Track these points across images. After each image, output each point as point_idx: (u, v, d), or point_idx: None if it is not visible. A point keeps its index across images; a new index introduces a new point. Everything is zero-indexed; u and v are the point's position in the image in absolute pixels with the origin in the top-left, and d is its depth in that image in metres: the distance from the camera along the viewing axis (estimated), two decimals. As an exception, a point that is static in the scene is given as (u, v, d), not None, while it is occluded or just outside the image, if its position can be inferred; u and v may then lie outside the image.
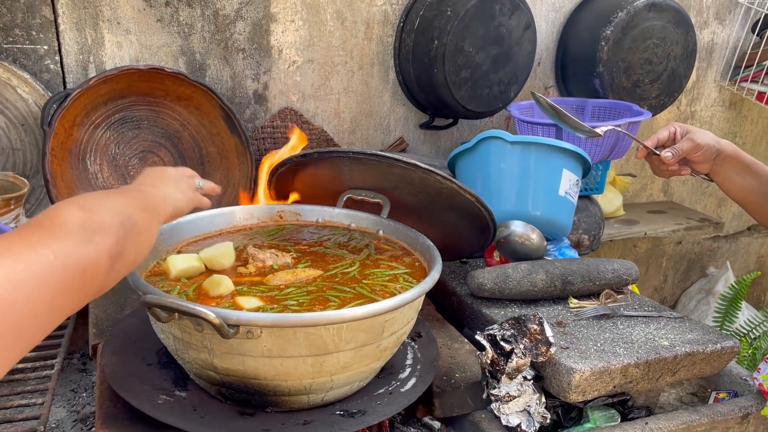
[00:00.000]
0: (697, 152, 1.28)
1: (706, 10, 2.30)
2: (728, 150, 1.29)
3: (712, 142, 1.28)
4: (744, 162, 1.29)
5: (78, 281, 0.58)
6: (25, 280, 0.52)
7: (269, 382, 0.92)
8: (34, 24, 1.54)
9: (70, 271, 0.57)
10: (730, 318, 2.29)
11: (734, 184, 1.30)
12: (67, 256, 0.57)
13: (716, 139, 1.30)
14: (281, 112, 1.81)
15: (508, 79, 1.86)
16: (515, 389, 1.08)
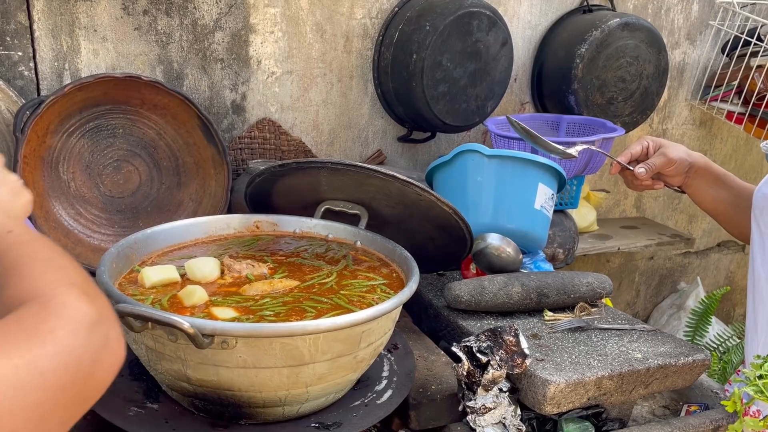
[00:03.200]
0: (669, 167, 1.31)
1: (677, 30, 2.36)
2: (700, 162, 1.31)
3: (685, 156, 1.31)
4: (715, 174, 1.31)
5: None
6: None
7: (244, 393, 0.91)
8: (8, 30, 1.52)
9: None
10: (700, 332, 2.33)
11: (706, 196, 1.33)
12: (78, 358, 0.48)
13: (688, 153, 1.32)
14: (259, 123, 1.80)
15: (485, 94, 1.88)
16: (491, 401, 1.09)
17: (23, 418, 0.41)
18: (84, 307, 0.49)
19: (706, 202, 1.34)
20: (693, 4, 2.34)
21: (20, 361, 0.42)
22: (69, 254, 0.61)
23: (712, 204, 1.33)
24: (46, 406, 0.44)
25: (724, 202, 1.31)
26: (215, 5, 1.69)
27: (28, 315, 0.47)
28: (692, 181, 1.33)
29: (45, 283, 0.51)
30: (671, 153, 1.30)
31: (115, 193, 1.64)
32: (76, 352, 0.46)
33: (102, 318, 0.50)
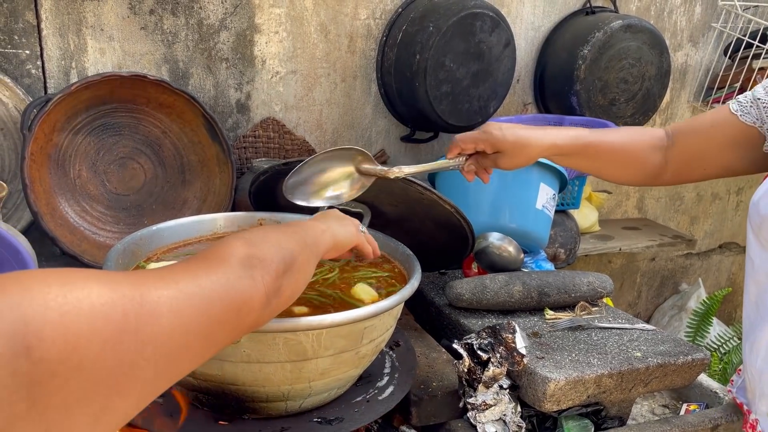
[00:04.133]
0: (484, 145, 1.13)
1: (680, 32, 2.37)
2: (544, 146, 1.13)
3: (500, 136, 1.11)
4: (569, 152, 1.16)
5: (234, 315, 0.59)
6: (185, 310, 0.52)
7: (247, 387, 0.92)
8: (16, 28, 1.53)
9: (226, 305, 0.57)
10: (701, 333, 2.33)
11: (578, 167, 1.25)
12: (226, 290, 0.58)
13: (514, 133, 1.12)
14: (263, 122, 1.82)
15: (487, 94, 1.89)
16: (491, 398, 1.10)
17: (194, 330, 0.53)
18: (242, 250, 0.63)
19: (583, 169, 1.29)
20: (696, 6, 2.35)
21: (186, 285, 0.54)
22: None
23: (588, 171, 1.29)
24: (212, 321, 0.55)
25: (595, 169, 1.24)
26: (221, 5, 1.70)
27: (198, 257, 0.62)
28: (557, 160, 1.20)
29: (223, 242, 0.66)
30: (491, 130, 1.13)
31: (120, 190, 1.66)
32: (229, 284, 0.59)
33: (255, 261, 0.63)
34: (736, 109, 1.09)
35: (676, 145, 1.16)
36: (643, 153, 1.17)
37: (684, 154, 1.16)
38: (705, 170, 1.17)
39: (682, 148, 1.16)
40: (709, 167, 1.16)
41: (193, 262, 0.59)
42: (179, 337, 0.51)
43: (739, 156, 1.10)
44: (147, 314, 0.48)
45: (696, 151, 1.15)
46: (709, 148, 1.13)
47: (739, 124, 1.08)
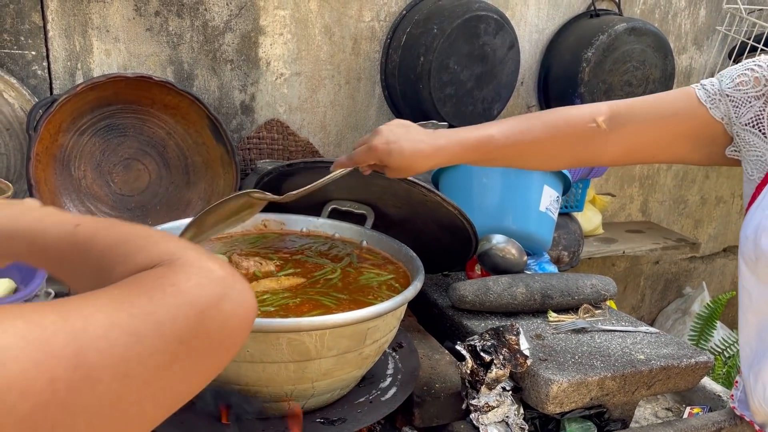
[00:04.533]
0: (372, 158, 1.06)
1: (684, 35, 2.37)
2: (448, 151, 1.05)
3: (384, 146, 1.03)
4: (471, 161, 1.09)
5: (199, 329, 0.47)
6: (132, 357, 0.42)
7: (251, 387, 0.93)
8: (22, 29, 1.54)
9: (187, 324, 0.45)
10: (705, 336, 2.33)
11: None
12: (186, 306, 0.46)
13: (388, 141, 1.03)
14: (267, 124, 1.82)
15: (491, 96, 1.90)
16: (494, 400, 1.10)
17: (139, 364, 0.41)
18: (209, 264, 0.48)
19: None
20: (700, 9, 2.35)
21: (137, 311, 0.42)
22: None
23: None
24: (165, 356, 0.43)
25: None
26: (226, 7, 1.71)
27: (152, 273, 0.47)
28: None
29: (165, 250, 0.50)
30: (373, 141, 1.05)
31: (125, 191, 1.67)
32: (198, 305, 0.45)
33: (227, 275, 0.49)
34: (705, 99, 1.00)
35: (624, 129, 1.04)
36: (571, 143, 1.06)
37: (633, 140, 1.05)
38: (653, 157, 1.09)
39: (631, 134, 1.04)
40: (659, 155, 1.07)
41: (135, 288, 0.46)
42: (130, 395, 0.40)
43: (696, 148, 1.03)
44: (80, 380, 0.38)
45: (648, 138, 1.04)
46: (665, 136, 1.03)
47: (705, 116, 0.99)
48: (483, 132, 1.05)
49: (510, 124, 1.06)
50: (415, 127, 1.06)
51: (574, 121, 1.05)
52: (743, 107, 0.97)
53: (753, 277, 0.97)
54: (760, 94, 0.96)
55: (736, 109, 0.98)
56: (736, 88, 0.98)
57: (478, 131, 1.05)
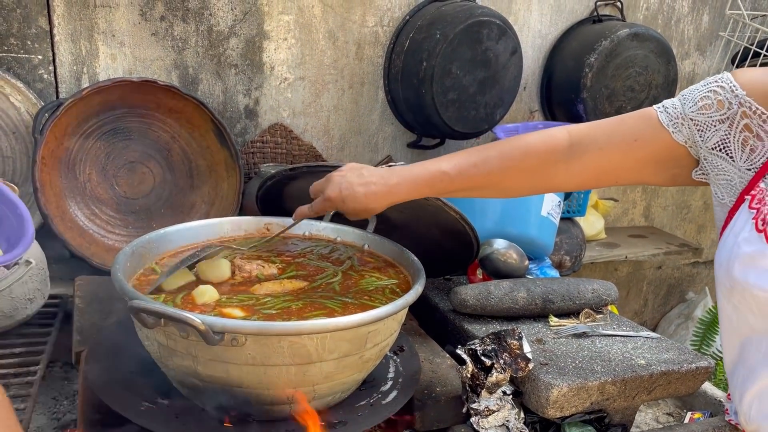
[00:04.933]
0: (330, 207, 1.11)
1: (687, 41, 2.37)
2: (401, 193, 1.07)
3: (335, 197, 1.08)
4: (427, 196, 1.11)
5: None
6: None
7: (252, 390, 0.93)
8: (29, 34, 1.56)
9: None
10: (707, 342, 2.33)
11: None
12: None
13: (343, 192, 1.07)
14: (271, 128, 1.84)
15: (494, 101, 1.90)
16: (494, 404, 1.10)
17: None
18: None
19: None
20: (703, 15, 2.35)
21: None
22: None
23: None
24: None
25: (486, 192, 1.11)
26: (230, 12, 1.72)
27: None
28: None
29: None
30: (327, 192, 1.10)
31: (129, 194, 1.68)
32: None
33: None
34: (667, 123, 0.97)
35: (584, 158, 1.02)
36: (529, 174, 1.05)
37: (595, 168, 1.02)
38: (616, 180, 1.06)
39: (592, 161, 1.02)
40: (622, 179, 1.05)
41: None
42: None
43: (659, 171, 1.01)
44: None
45: (610, 165, 1.01)
46: (627, 162, 1.00)
47: (668, 140, 0.97)
48: (435, 167, 1.06)
49: (463, 158, 1.06)
50: (368, 169, 1.09)
51: (531, 151, 1.04)
52: (708, 131, 0.95)
53: (728, 305, 0.95)
54: (725, 118, 0.93)
55: (701, 133, 0.95)
56: (700, 112, 0.95)
57: (431, 166, 1.06)
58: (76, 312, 1.32)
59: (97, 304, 1.35)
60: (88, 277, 1.44)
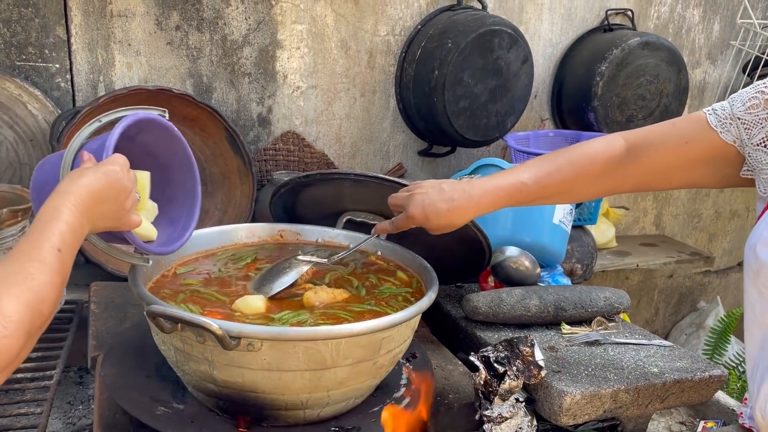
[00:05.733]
0: (412, 225, 1.11)
1: (698, 50, 2.37)
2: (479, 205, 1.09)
3: (421, 215, 1.08)
4: (506, 206, 1.11)
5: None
6: None
7: (267, 395, 0.94)
8: (47, 43, 1.58)
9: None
10: (719, 351, 2.31)
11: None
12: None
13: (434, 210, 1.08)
14: (284, 136, 1.85)
15: (505, 110, 1.91)
16: (507, 411, 1.10)
17: None
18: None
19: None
20: (714, 24, 2.36)
21: None
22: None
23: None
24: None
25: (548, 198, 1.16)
26: (244, 21, 1.74)
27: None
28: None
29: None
30: (410, 209, 1.10)
31: (143, 201, 1.69)
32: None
33: None
34: (715, 124, 1.02)
35: (640, 161, 1.07)
36: (596, 179, 1.10)
37: (649, 170, 1.08)
38: (669, 184, 1.11)
39: (647, 165, 1.07)
40: (675, 181, 1.10)
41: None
42: None
43: (711, 172, 1.05)
44: None
45: (663, 167, 1.07)
46: (680, 164, 1.05)
47: (716, 141, 1.01)
48: (515, 178, 1.09)
49: (538, 167, 1.10)
50: (448, 184, 1.11)
51: (596, 158, 1.09)
52: (754, 128, 0.99)
53: (754, 290, 0.98)
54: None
55: (747, 131, 1.00)
56: (747, 111, 0.99)
57: (510, 177, 1.09)
58: (92, 317, 1.33)
59: (113, 310, 1.37)
60: (104, 283, 1.46)
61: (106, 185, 0.84)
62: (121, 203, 0.87)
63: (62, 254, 0.73)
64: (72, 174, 0.84)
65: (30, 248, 0.72)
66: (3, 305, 0.64)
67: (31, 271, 0.69)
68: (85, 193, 0.81)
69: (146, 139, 1.03)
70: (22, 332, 0.65)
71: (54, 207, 0.78)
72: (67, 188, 0.80)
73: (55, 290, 0.72)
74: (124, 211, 0.88)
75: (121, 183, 0.86)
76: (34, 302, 0.67)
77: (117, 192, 0.86)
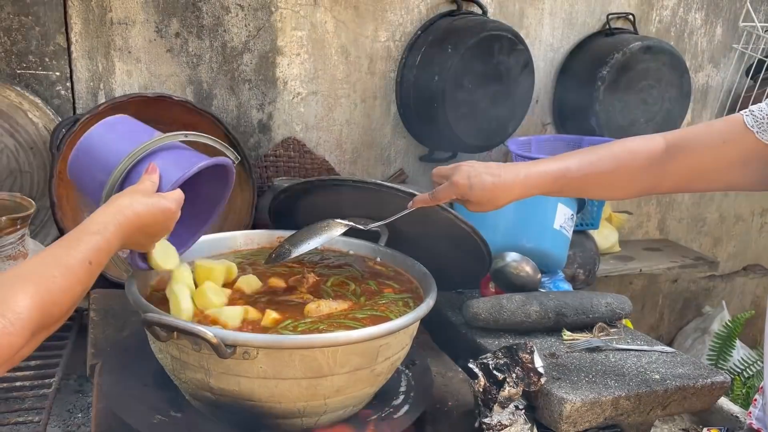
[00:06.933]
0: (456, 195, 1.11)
1: (700, 53, 2.36)
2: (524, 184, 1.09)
3: (467, 181, 1.08)
4: (549, 192, 1.13)
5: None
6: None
7: (264, 403, 0.94)
8: (47, 51, 1.59)
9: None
10: (724, 356, 2.30)
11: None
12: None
13: (480, 179, 1.08)
14: (284, 142, 1.85)
15: (506, 115, 1.91)
16: (507, 418, 1.09)
17: None
18: None
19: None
20: (716, 27, 2.35)
21: None
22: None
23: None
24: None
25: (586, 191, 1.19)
26: (244, 28, 1.75)
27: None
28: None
29: None
30: (455, 177, 1.10)
31: (144, 208, 1.69)
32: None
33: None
34: (752, 125, 1.01)
35: (678, 159, 1.08)
36: (636, 174, 1.10)
37: (688, 169, 1.08)
38: (708, 185, 1.11)
39: (685, 164, 1.07)
40: (713, 183, 1.09)
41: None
42: None
43: (749, 173, 1.04)
44: None
45: (701, 167, 1.07)
46: (717, 165, 1.05)
47: (754, 142, 1.00)
48: (561, 164, 1.10)
49: (581, 157, 1.12)
50: (495, 163, 1.13)
51: (638, 153, 1.10)
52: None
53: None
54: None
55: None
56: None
57: (555, 163, 1.11)
58: (91, 325, 1.33)
59: (112, 318, 1.36)
60: (103, 291, 1.46)
61: (155, 220, 0.88)
62: (155, 235, 0.92)
63: (92, 267, 0.76)
64: (133, 192, 0.88)
65: (62, 252, 0.75)
66: (16, 301, 0.65)
67: (54, 274, 0.71)
68: (136, 220, 0.84)
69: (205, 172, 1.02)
70: (28, 331, 0.66)
71: (103, 223, 0.81)
72: (122, 208, 0.84)
73: (73, 298, 0.73)
74: (153, 241, 0.94)
75: (168, 223, 0.91)
76: (48, 304, 0.69)
77: (161, 228, 0.91)
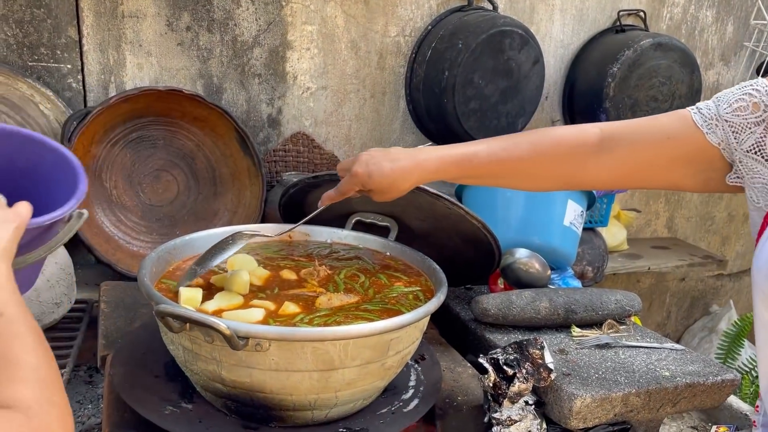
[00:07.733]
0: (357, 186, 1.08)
1: (711, 51, 2.35)
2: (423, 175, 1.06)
3: (365, 171, 1.06)
4: (454, 177, 1.08)
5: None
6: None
7: (275, 395, 0.94)
8: (59, 44, 1.59)
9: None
10: (732, 355, 2.29)
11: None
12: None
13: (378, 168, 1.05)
14: (293, 137, 1.85)
15: (516, 111, 1.90)
16: (517, 414, 1.10)
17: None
18: (34, 422, 0.58)
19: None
20: (727, 25, 2.33)
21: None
22: (47, 349, 0.67)
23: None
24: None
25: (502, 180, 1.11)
26: (255, 22, 1.75)
27: (14, 424, 0.56)
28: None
29: (31, 397, 0.59)
30: (354, 167, 1.07)
31: (154, 201, 1.70)
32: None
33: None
34: (701, 123, 0.96)
35: (614, 152, 1.01)
36: (557, 164, 1.04)
37: (625, 164, 1.01)
38: (645, 182, 1.06)
39: (623, 157, 1.00)
40: (652, 180, 1.04)
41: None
42: None
43: (690, 173, 0.99)
44: None
45: (641, 161, 1.00)
46: (658, 161, 0.99)
47: (701, 141, 0.95)
48: (466, 149, 1.05)
49: (494, 142, 1.06)
50: (396, 149, 1.09)
51: (562, 141, 1.03)
52: (743, 133, 0.93)
53: (767, 313, 0.92)
54: (760, 120, 0.92)
55: (735, 135, 0.94)
56: (735, 113, 0.94)
57: (461, 148, 1.06)
58: (102, 316, 1.34)
59: (122, 309, 1.37)
60: (114, 283, 1.46)
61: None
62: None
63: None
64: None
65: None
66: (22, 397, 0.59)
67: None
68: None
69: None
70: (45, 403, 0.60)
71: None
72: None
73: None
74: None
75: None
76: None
77: None
